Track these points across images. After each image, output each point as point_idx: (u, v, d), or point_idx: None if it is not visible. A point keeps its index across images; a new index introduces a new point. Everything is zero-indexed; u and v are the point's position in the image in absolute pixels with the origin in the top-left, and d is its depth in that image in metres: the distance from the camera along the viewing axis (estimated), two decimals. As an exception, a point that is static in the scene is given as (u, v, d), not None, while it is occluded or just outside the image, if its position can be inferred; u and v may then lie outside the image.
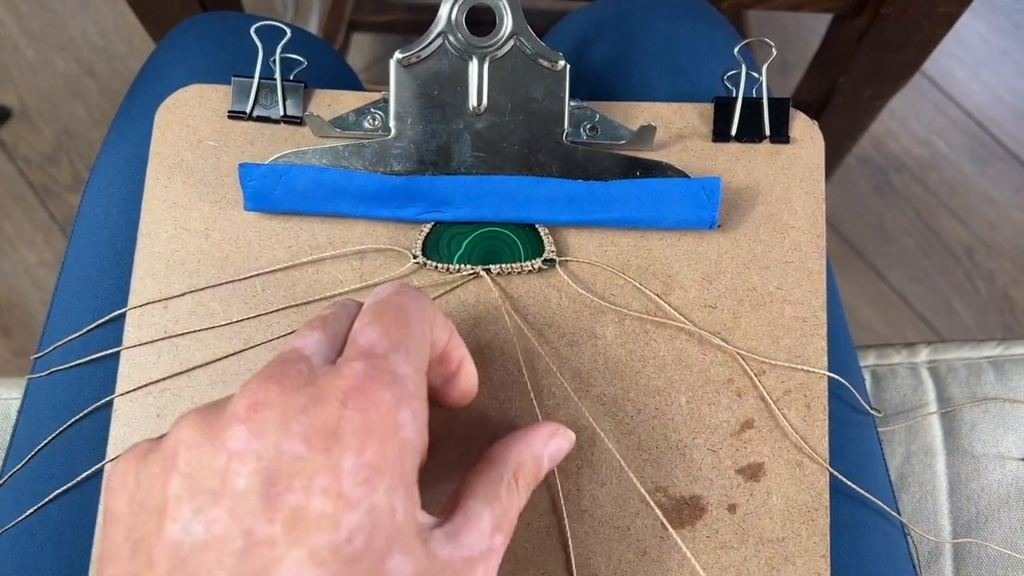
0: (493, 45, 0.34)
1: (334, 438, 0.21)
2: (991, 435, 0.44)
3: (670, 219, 0.34)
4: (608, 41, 0.43)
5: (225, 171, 0.36)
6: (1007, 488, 0.43)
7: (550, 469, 0.28)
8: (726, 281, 0.34)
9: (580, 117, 0.36)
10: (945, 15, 0.57)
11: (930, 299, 0.96)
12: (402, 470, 0.21)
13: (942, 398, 0.46)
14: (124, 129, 0.41)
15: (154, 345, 0.34)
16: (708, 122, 0.36)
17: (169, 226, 0.35)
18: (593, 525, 0.32)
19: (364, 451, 0.21)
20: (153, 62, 0.43)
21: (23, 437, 0.37)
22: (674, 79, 0.41)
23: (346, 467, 0.20)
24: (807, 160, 0.36)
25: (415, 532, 0.22)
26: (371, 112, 0.36)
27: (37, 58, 1.04)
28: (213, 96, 0.37)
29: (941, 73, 1.04)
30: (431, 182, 0.34)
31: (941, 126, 1.02)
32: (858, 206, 0.99)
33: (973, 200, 0.99)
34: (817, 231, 0.35)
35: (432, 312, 0.26)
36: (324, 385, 0.22)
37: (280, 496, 0.20)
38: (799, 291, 0.34)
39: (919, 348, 0.48)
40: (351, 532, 0.20)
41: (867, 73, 0.66)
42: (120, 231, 0.38)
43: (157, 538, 0.20)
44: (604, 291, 0.34)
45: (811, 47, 0.76)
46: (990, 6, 1.06)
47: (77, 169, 1.00)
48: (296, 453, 0.20)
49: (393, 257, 0.35)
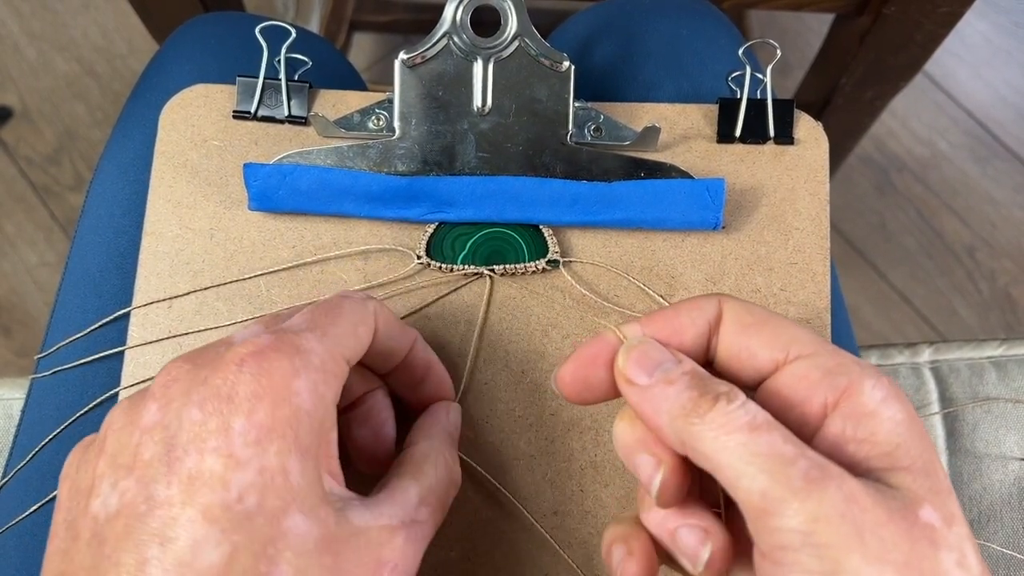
0: (498, 46, 0.34)
1: (227, 401, 0.21)
2: (993, 435, 0.44)
3: (674, 220, 0.34)
4: (612, 42, 0.43)
5: (230, 171, 0.36)
6: (1009, 488, 0.44)
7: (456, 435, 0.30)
8: (730, 282, 0.34)
9: (584, 118, 0.36)
10: (947, 15, 0.57)
11: (931, 299, 0.96)
12: (295, 434, 0.22)
13: (944, 398, 0.46)
14: (128, 129, 0.41)
15: (158, 344, 0.34)
16: (712, 123, 0.36)
17: (174, 226, 0.35)
18: (596, 526, 0.32)
19: (254, 413, 0.21)
20: (157, 62, 0.43)
21: (26, 436, 0.37)
22: (678, 80, 0.41)
23: (236, 427, 0.21)
24: (811, 161, 0.36)
25: (319, 497, 0.22)
26: (375, 112, 0.36)
27: (38, 58, 1.04)
28: (218, 96, 0.37)
29: (943, 73, 1.05)
30: (435, 183, 0.34)
31: (942, 126, 1.02)
32: (859, 206, 0.99)
33: (975, 200, 0.99)
34: (821, 233, 0.35)
35: (371, 317, 0.26)
36: (227, 354, 0.23)
37: (179, 460, 0.21)
38: (803, 293, 0.34)
39: (921, 348, 0.48)
40: (241, 491, 0.20)
41: (868, 73, 0.66)
42: (124, 231, 0.38)
43: (83, 514, 0.22)
44: (608, 292, 0.34)
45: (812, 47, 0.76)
46: (992, 5, 1.06)
47: (78, 169, 1.00)
48: (194, 418, 0.21)
49: (397, 257, 0.35)
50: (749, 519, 0.21)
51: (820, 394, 0.23)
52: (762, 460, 0.21)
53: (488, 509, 0.32)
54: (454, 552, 0.32)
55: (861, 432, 0.22)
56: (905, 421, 0.22)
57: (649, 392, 0.24)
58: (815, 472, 0.20)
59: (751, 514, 0.21)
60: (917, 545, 0.20)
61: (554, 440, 0.33)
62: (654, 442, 0.24)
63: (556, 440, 0.33)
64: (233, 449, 0.21)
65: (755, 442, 0.21)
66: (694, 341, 0.26)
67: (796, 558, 0.20)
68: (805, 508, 0.20)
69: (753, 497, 0.21)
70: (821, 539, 0.20)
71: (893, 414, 0.22)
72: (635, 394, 0.24)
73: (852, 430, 0.22)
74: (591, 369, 0.26)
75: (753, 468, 0.21)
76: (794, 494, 0.20)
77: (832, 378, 0.23)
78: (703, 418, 0.22)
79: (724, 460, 0.21)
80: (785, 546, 0.20)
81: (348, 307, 0.26)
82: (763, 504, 0.21)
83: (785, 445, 0.21)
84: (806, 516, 0.20)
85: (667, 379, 0.23)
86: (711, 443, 0.22)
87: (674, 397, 0.23)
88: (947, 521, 0.21)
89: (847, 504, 0.20)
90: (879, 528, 0.20)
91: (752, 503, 0.21)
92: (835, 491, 0.20)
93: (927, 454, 0.22)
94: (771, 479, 0.21)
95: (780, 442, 0.21)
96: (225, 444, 0.21)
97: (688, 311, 0.26)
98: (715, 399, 0.22)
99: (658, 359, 0.24)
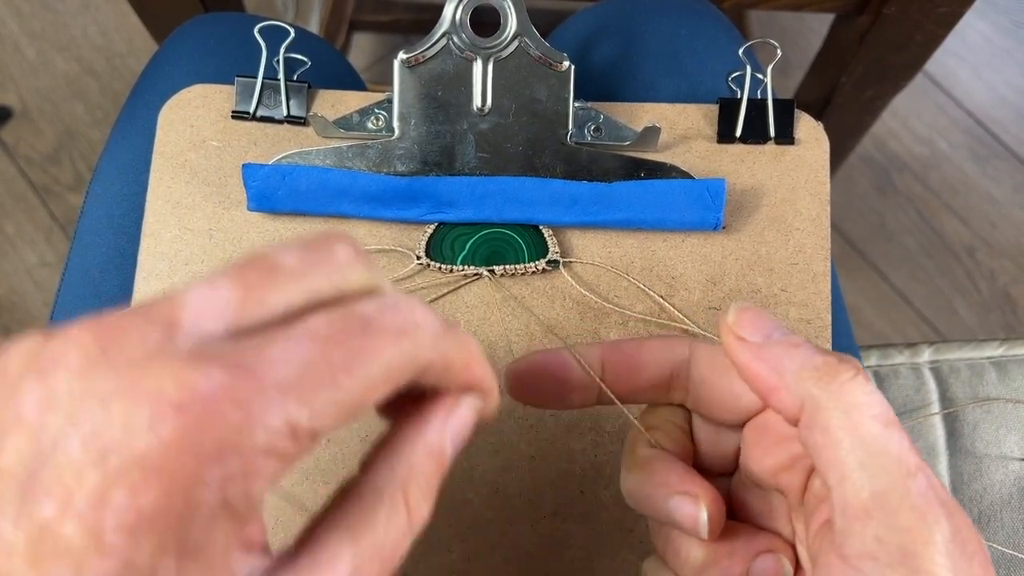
0: (497, 46, 0.34)
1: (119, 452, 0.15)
2: (993, 435, 0.44)
3: (674, 220, 0.34)
4: (612, 42, 0.43)
5: (229, 171, 0.36)
6: (1009, 488, 0.43)
7: (458, 451, 0.21)
8: (730, 283, 0.34)
9: (584, 118, 0.36)
10: (947, 15, 0.57)
11: (931, 299, 0.96)
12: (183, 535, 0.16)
13: (944, 398, 0.46)
14: (127, 130, 0.41)
15: (158, 346, 0.34)
16: (712, 123, 0.36)
17: (173, 226, 0.35)
18: (597, 527, 0.32)
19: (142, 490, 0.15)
20: (156, 62, 0.43)
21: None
22: (678, 80, 0.41)
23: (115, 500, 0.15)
24: (812, 161, 0.36)
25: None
26: (375, 113, 0.36)
27: (38, 58, 1.04)
28: (217, 96, 0.37)
29: (943, 72, 1.04)
30: (435, 183, 0.34)
31: (943, 125, 1.02)
32: (860, 205, 0.99)
33: (975, 199, 0.99)
34: (822, 233, 0.35)
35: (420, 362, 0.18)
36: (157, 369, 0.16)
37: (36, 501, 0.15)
38: (803, 293, 0.34)
39: (921, 348, 0.48)
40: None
41: (868, 73, 0.66)
42: (123, 231, 0.38)
43: None
44: (608, 293, 0.34)
45: (812, 47, 0.76)
46: (992, 5, 1.06)
47: (78, 169, 1.00)
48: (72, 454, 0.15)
49: (396, 258, 0.35)
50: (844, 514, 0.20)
51: None
52: (887, 461, 0.20)
53: (489, 510, 0.32)
54: (454, 553, 0.31)
55: None
56: None
57: (768, 350, 0.22)
58: (931, 493, 0.19)
59: (850, 511, 0.20)
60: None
61: (554, 442, 0.33)
62: (681, 480, 0.23)
63: (556, 442, 0.33)
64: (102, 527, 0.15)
65: (887, 439, 0.20)
66: (651, 381, 0.25)
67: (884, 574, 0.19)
68: None
69: (862, 495, 0.20)
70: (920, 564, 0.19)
71: None
72: (747, 351, 0.22)
73: None
74: (541, 375, 0.25)
75: (877, 466, 0.19)
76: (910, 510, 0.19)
77: None
78: (842, 385, 0.20)
79: (847, 445, 0.20)
80: (878, 557, 0.19)
81: (388, 353, 0.17)
82: (872, 507, 0.19)
83: (911, 454, 0.20)
84: None
85: (790, 341, 0.22)
86: (838, 420, 0.20)
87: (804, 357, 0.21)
88: None
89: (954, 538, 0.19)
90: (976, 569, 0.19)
91: (859, 501, 0.20)
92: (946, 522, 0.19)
93: None
94: (890, 484, 0.19)
95: (908, 448, 0.20)
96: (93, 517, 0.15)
97: (653, 349, 0.25)
98: (856, 370, 0.21)
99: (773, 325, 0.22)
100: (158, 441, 0.15)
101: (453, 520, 0.32)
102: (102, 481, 0.15)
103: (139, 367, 0.16)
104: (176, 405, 0.15)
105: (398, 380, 0.18)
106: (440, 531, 0.32)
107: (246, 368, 0.16)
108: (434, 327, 0.19)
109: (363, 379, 0.17)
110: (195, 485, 0.16)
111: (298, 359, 0.16)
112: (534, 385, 0.25)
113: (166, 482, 0.15)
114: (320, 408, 0.16)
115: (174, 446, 0.15)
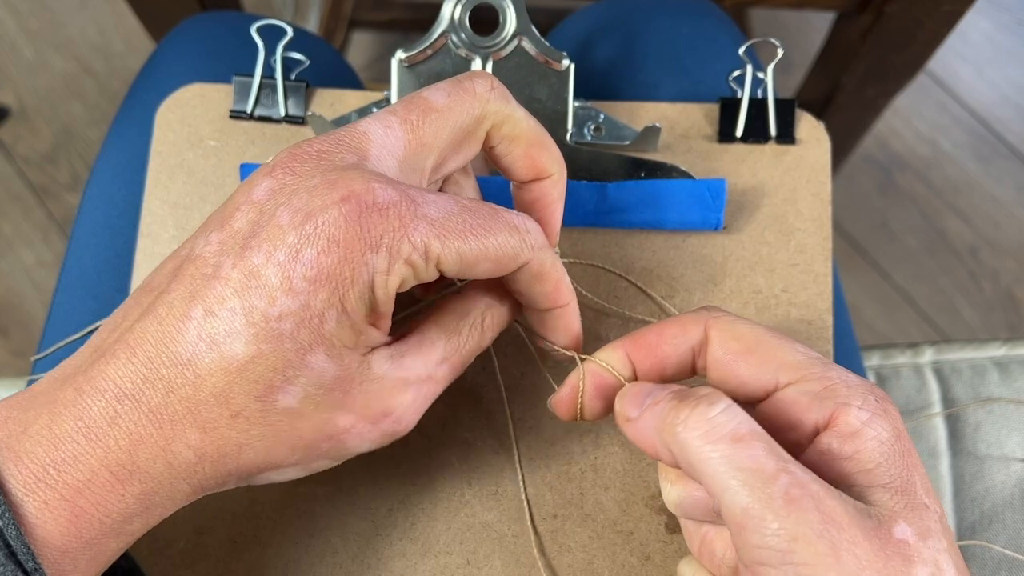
0: (497, 45, 0.34)
1: (312, 227, 0.22)
2: (995, 436, 0.44)
3: (675, 221, 0.34)
4: (612, 41, 0.43)
5: (226, 171, 0.35)
6: (1011, 490, 0.43)
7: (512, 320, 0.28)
8: (731, 283, 0.34)
9: (584, 117, 0.35)
10: (949, 13, 0.57)
11: (934, 298, 0.96)
12: (343, 297, 0.22)
13: (946, 399, 0.45)
14: (124, 129, 0.40)
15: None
16: (713, 122, 0.36)
17: (170, 227, 0.35)
18: (597, 529, 0.32)
19: (324, 255, 0.21)
20: (153, 61, 0.43)
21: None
22: (678, 79, 0.41)
23: (304, 257, 0.21)
24: (813, 161, 0.35)
25: (347, 346, 0.23)
26: (373, 112, 0.35)
27: (36, 57, 1.04)
28: (214, 95, 0.37)
29: (945, 71, 1.04)
30: (433, 183, 0.34)
31: (945, 124, 1.02)
32: (862, 205, 0.99)
33: (977, 199, 0.99)
34: (823, 233, 0.35)
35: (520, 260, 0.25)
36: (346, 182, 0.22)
37: (251, 250, 0.22)
38: (805, 294, 0.34)
39: (923, 348, 0.47)
40: (282, 312, 0.22)
41: (870, 71, 0.66)
42: (120, 232, 0.38)
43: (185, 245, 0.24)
44: (608, 293, 0.34)
45: (814, 46, 0.76)
46: (994, 4, 1.06)
47: (76, 169, 1.00)
48: (280, 222, 0.22)
49: (395, 259, 0.34)
50: (732, 532, 0.22)
51: (810, 418, 0.24)
52: (744, 475, 0.21)
53: (488, 513, 0.32)
54: (454, 556, 0.31)
55: (846, 450, 0.23)
56: (889, 440, 0.23)
57: (641, 420, 0.24)
58: (795, 491, 0.21)
59: (733, 528, 0.21)
60: (891, 562, 0.21)
61: (554, 443, 0.32)
62: None
63: (556, 443, 0.32)
64: (291, 274, 0.21)
65: (738, 455, 0.21)
66: (676, 368, 0.26)
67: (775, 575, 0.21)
68: (784, 527, 0.20)
69: (735, 511, 0.21)
70: (799, 558, 0.20)
71: (877, 433, 0.23)
72: (631, 428, 0.25)
73: (838, 447, 0.23)
74: (580, 397, 0.27)
75: (735, 482, 0.21)
76: (774, 513, 0.21)
77: (820, 403, 0.23)
78: (685, 423, 0.22)
79: (708, 471, 0.22)
80: (764, 562, 0.21)
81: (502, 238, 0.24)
82: (744, 520, 0.21)
83: (768, 459, 0.21)
84: (785, 535, 0.20)
85: (654, 402, 0.24)
86: (696, 452, 0.22)
87: (659, 413, 0.23)
88: (922, 536, 0.21)
89: (824, 524, 0.20)
90: (855, 546, 0.20)
91: (734, 517, 0.21)
92: (813, 511, 0.21)
93: (907, 472, 0.22)
94: (752, 495, 0.21)
95: (763, 456, 0.21)
96: (288, 265, 0.21)
97: (672, 337, 0.26)
98: (695, 402, 0.22)
99: (648, 390, 0.25)
100: (344, 221, 0.22)
101: (452, 522, 0.31)
102: (298, 240, 0.22)
103: (340, 172, 0.22)
104: (360, 200, 0.22)
105: (500, 262, 0.24)
106: (439, 533, 0.31)
107: (411, 198, 0.22)
108: (541, 238, 0.25)
109: (479, 245, 0.23)
110: (360, 264, 0.22)
111: (446, 210, 0.23)
112: (577, 406, 0.27)
113: (342, 252, 0.22)
114: (446, 247, 0.23)
115: (353, 228, 0.22)
